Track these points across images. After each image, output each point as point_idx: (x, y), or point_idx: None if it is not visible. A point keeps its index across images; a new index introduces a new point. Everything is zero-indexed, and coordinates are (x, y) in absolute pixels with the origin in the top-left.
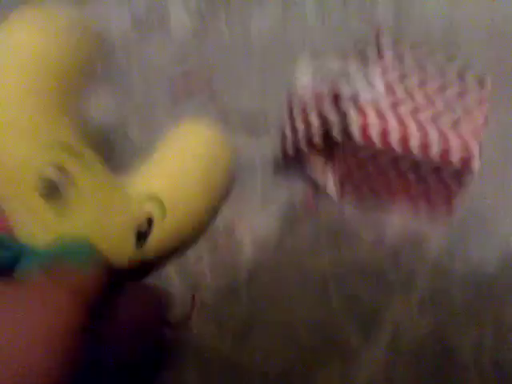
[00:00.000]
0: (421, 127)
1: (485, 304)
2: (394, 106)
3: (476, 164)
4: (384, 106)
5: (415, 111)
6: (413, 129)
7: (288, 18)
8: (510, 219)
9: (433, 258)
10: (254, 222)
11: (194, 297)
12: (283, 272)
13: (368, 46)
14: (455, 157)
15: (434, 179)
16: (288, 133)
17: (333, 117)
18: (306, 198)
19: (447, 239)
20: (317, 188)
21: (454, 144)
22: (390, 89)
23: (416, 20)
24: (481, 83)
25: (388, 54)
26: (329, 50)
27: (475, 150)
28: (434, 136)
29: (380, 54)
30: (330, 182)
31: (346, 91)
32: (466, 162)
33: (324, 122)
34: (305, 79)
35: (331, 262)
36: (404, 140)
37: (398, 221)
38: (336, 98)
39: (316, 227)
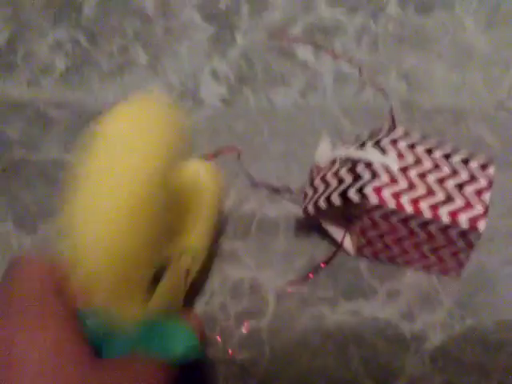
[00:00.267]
0: (429, 189)
1: (494, 361)
2: (404, 170)
3: (482, 225)
4: (395, 169)
5: (423, 175)
6: (422, 191)
7: (309, 92)
8: None
9: (444, 313)
10: (277, 281)
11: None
12: (303, 327)
13: (381, 131)
14: (462, 218)
15: (442, 238)
16: (309, 192)
17: (348, 179)
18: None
19: (457, 296)
20: (335, 244)
21: (461, 205)
22: (400, 156)
23: (426, 93)
24: (484, 166)
25: (401, 144)
26: (345, 122)
27: (481, 212)
28: (441, 198)
29: (392, 141)
30: (346, 238)
31: (360, 158)
32: (473, 222)
33: (340, 182)
34: (324, 156)
35: (348, 316)
36: (414, 201)
37: (411, 276)
38: (351, 163)
39: (334, 282)
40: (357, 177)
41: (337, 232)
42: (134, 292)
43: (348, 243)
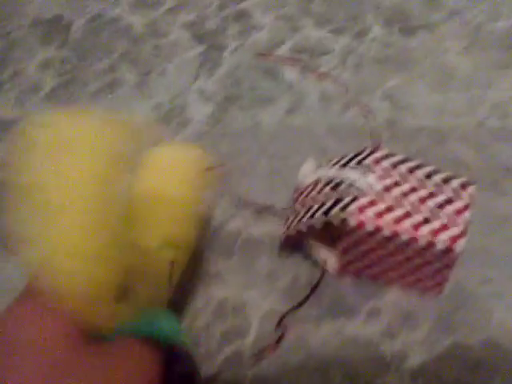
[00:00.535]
0: (410, 209)
1: (473, 378)
2: (386, 190)
3: (460, 245)
4: (375, 192)
5: (405, 195)
6: (402, 211)
7: (294, 111)
8: (495, 296)
9: (424, 332)
10: (261, 299)
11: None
12: (287, 346)
13: (364, 151)
14: (440, 238)
15: (421, 258)
16: (292, 213)
17: (331, 199)
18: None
19: (437, 314)
20: (318, 263)
21: (440, 225)
22: (382, 175)
23: (409, 113)
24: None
25: (384, 163)
26: (330, 140)
27: (460, 232)
28: (421, 218)
29: (375, 161)
30: (329, 259)
31: (343, 178)
32: (451, 243)
33: (323, 203)
34: (308, 177)
35: (331, 335)
36: (394, 222)
37: (392, 294)
38: (334, 183)
39: (318, 301)
40: (339, 197)
41: (320, 252)
42: (107, 292)
43: (331, 262)
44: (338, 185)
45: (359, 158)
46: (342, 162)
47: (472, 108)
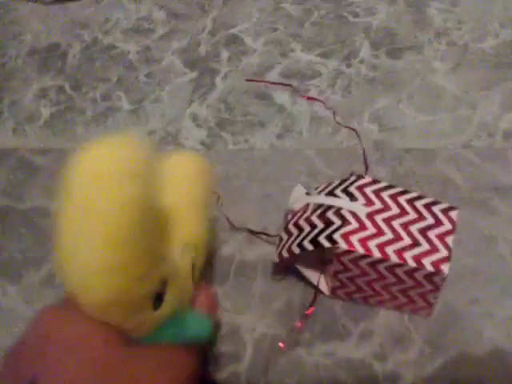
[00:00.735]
0: (396, 234)
1: None
2: (372, 215)
3: (446, 268)
4: (360, 218)
5: (390, 220)
6: (389, 236)
7: (285, 135)
8: (484, 316)
9: (415, 353)
10: (255, 322)
11: None
12: (280, 369)
13: (350, 178)
14: (427, 261)
15: (409, 280)
16: (283, 236)
17: (320, 224)
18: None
19: (428, 335)
20: (311, 286)
21: (425, 249)
22: (368, 202)
23: (397, 135)
24: (447, 211)
25: (368, 190)
26: (320, 163)
27: (445, 255)
28: (407, 242)
29: (360, 188)
30: (320, 282)
31: (331, 204)
32: (437, 266)
33: (312, 227)
34: (298, 202)
35: (324, 357)
36: (381, 246)
37: (384, 316)
38: (323, 209)
39: (310, 324)
40: (328, 223)
41: (312, 274)
42: (140, 303)
43: (323, 285)
44: (325, 211)
45: (344, 185)
46: (329, 188)
47: (459, 128)
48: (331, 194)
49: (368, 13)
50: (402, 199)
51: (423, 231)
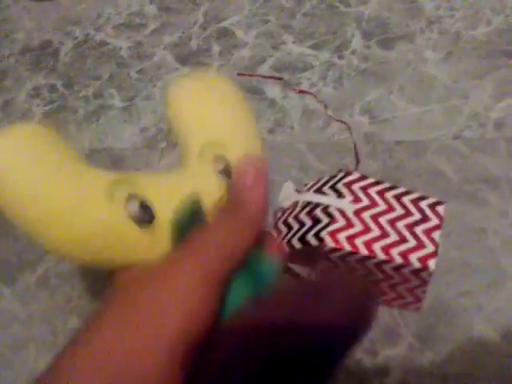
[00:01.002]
0: (383, 231)
1: None
2: (359, 212)
3: (433, 263)
4: (348, 215)
5: (377, 216)
6: (376, 233)
7: (277, 129)
8: (474, 309)
9: (404, 347)
10: None
11: None
12: None
13: (338, 175)
14: (413, 257)
15: (397, 276)
16: (273, 233)
17: (308, 222)
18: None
19: (417, 329)
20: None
21: (412, 245)
22: (356, 198)
23: (388, 127)
24: (434, 205)
25: (355, 186)
26: (311, 157)
27: (432, 251)
28: (393, 239)
29: (347, 185)
30: (311, 276)
31: (319, 202)
32: (424, 261)
33: (301, 225)
34: (287, 200)
35: None
36: (368, 243)
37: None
38: (311, 207)
39: None
40: (316, 220)
41: (302, 271)
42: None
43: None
44: (314, 208)
45: (332, 182)
46: (317, 185)
47: (450, 119)
48: (319, 191)
49: (360, 1)
50: (389, 195)
51: (410, 227)
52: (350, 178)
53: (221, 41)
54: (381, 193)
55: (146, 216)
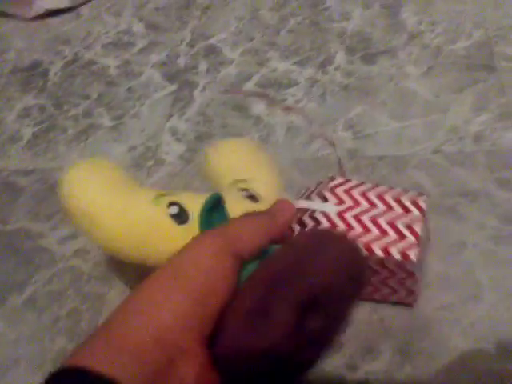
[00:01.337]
0: (365, 228)
1: None
2: (342, 213)
3: (414, 254)
4: (334, 214)
5: (359, 215)
6: (358, 230)
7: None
8: (452, 322)
9: (384, 362)
10: None
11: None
12: None
13: (324, 181)
14: (393, 250)
15: (384, 270)
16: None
17: (296, 227)
18: None
19: (396, 344)
20: None
21: (393, 239)
22: (339, 201)
23: (370, 142)
24: (416, 199)
25: (339, 189)
26: (295, 173)
27: (413, 242)
28: (375, 234)
29: (331, 189)
30: None
31: (305, 207)
32: (404, 252)
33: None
34: None
35: None
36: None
37: (354, 326)
38: (300, 213)
39: None
40: (303, 225)
41: None
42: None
43: None
44: (302, 215)
45: (318, 189)
46: (307, 193)
47: (430, 134)
48: (308, 198)
49: (343, 17)
50: (371, 194)
51: (391, 222)
52: (335, 182)
53: (208, 58)
54: (363, 193)
55: (183, 216)
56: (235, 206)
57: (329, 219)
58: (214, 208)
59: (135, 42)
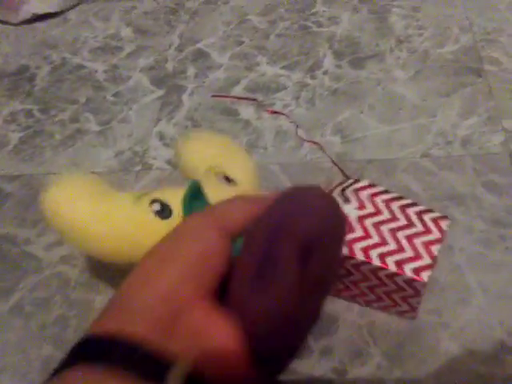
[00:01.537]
0: (382, 239)
1: None
2: (362, 219)
3: (426, 275)
4: (354, 218)
5: (379, 224)
6: (375, 240)
7: (250, 150)
8: (441, 326)
9: (373, 366)
10: None
11: None
12: None
13: (347, 181)
14: (407, 267)
15: (392, 284)
16: None
17: None
18: None
19: (386, 348)
20: None
21: (409, 256)
22: (361, 205)
23: (359, 146)
24: (438, 220)
25: (363, 193)
26: (284, 177)
27: (428, 263)
28: (391, 247)
29: (355, 191)
30: None
31: None
32: (418, 272)
33: None
34: None
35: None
36: (366, 249)
37: (343, 332)
38: None
39: None
40: None
41: None
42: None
43: None
44: None
45: (341, 187)
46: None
47: (418, 138)
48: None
49: (331, 22)
50: (394, 205)
51: (410, 238)
52: (359, 184)
53: (196, 62)
54: (387, 202)
55: (166, 211)
56: (214, 190)
57: (349, 225)
58: (195, 197)
59: (123, 46)
